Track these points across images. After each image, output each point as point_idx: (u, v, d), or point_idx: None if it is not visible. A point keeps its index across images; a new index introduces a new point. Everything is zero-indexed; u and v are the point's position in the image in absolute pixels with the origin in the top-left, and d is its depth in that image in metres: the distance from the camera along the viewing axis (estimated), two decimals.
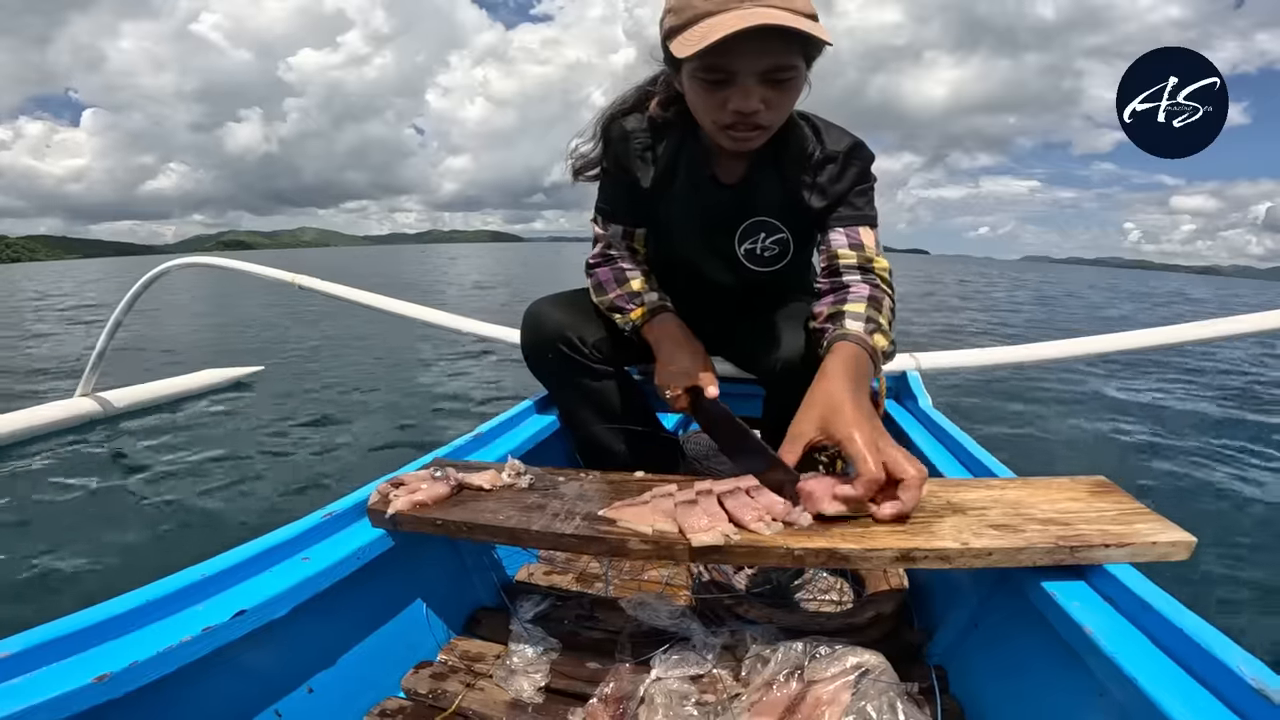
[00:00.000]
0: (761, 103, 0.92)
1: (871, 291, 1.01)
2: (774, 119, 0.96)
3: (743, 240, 1.14)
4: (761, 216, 1.12)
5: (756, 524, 0.72)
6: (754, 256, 1.15)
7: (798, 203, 1.09)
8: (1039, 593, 0.67)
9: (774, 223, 1.12)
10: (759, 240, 1.13)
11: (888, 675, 0.70)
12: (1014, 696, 0.72)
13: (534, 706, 0.79)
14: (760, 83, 0.91)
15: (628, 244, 1.22)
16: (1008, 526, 0.69)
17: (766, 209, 1.11)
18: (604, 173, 1.21)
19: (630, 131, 1.14)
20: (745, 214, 1.12)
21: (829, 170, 1.07)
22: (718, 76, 0.91)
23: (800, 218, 1.11)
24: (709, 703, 0.74)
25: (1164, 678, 0.53)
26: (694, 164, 1.12)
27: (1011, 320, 10.88)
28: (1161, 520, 0.70)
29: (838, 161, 1.06)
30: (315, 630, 0.76)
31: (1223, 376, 5.85)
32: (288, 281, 2.42)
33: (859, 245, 1.06)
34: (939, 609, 0.94)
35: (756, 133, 0.97)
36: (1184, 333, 1.57)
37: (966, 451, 1.05)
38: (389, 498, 0.83)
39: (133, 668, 0.56)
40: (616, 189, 1.19)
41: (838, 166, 1.07)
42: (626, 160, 1.14)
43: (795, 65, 0.91)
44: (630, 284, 1.17)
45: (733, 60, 0.89)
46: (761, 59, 0.89)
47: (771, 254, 1.14)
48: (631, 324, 1.15)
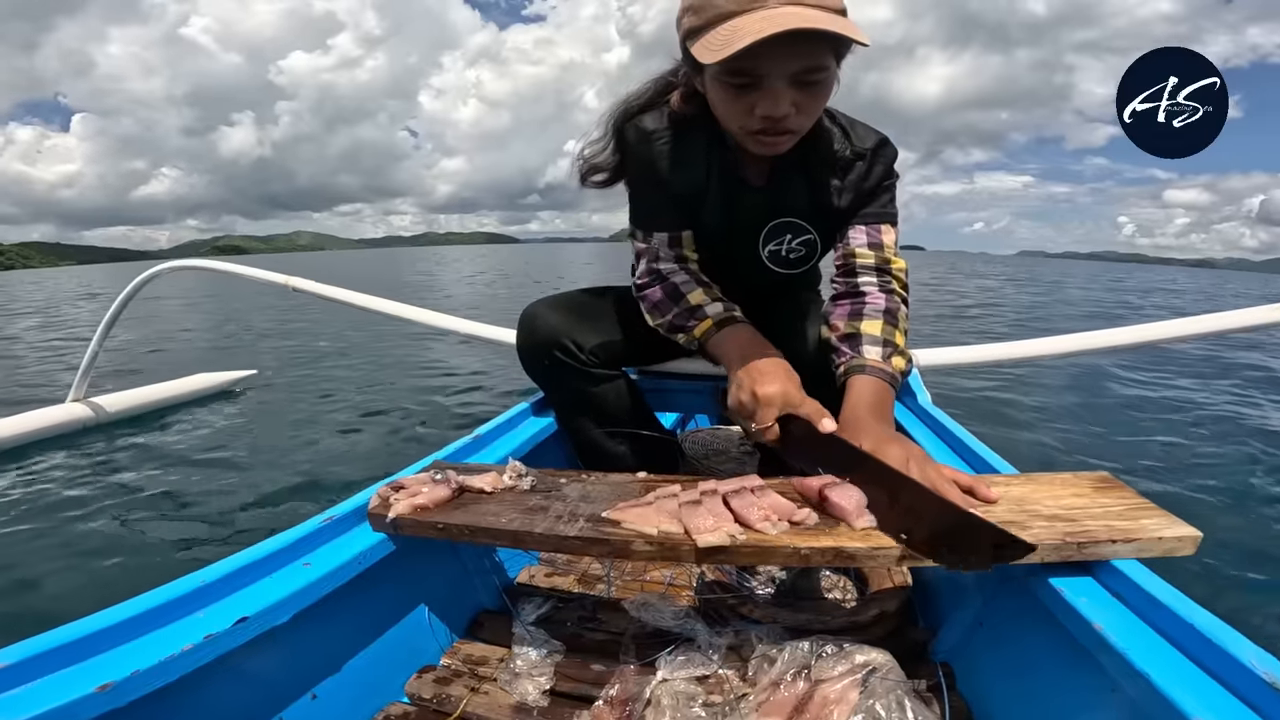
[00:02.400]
0: (792, 106, 0.87)
1: (887, 303, 1.00)
2: (804, 123, 0.92)
3: (767, 242, 1.11)
4: (789, 218, 1.09)
5: (762, 523, 0.72)
6: (778, 259, 1.12)
7: (826, 203, 1.07)
8: (1046, 589, 0.67)
9: (802, 224, 1.10)
10: (785, 242, 1.11)
11: (895, 673, 0.70)
12: (1022, 694, 0.72)
13: (539, 710, 0.78)
14: (790, 85, 0.86)
15: (676, 252, 1.11)
16: (1013, 523, 0.69)
17: (795, 210, 1.09)
18: (632, 182, 1.14)
19: (651, 132, 1.07)
20: (773, 215, 1.09)
21: (857, 169, 1.05)
22: (744, 80, 0.86)
23: (828, 219, 1.09)
24: (715, 703, 0.73)
25: (1177, 673, 0.53)
26: (723, 164, 1.07)
27: (1009, 316, 10.91)
28: (1167, 515, 0.70)
29: (865, 159, 1.05)
30: (318, 636, 0.75)
31: (1225, 369, 5.88)
32: (280, 284, 2.41)
33: (879, 245, 1.05)
34: (944, 607, 0.94)
35: (786, 137, 0.92)
36: (1182, 328, 1.58)
37: (968, 448, 1.05)
38: (389, 501, 0.83)
39: (135, 676, 0.55)
40: (652, 194, 1.11)
41: (865, 164, 1.05)
42: (653, 162, 1.07)
43: (826, 66, 0.86)
44: (688, 298, 1.06)
45: (760, 64, 0.83)
46: (791, 61, 0.84)
47: (798, 255, 1.12)
48: (697, 342, 1.05)
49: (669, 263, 1.11)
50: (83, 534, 2.21)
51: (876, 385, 0.91)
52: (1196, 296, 19.84)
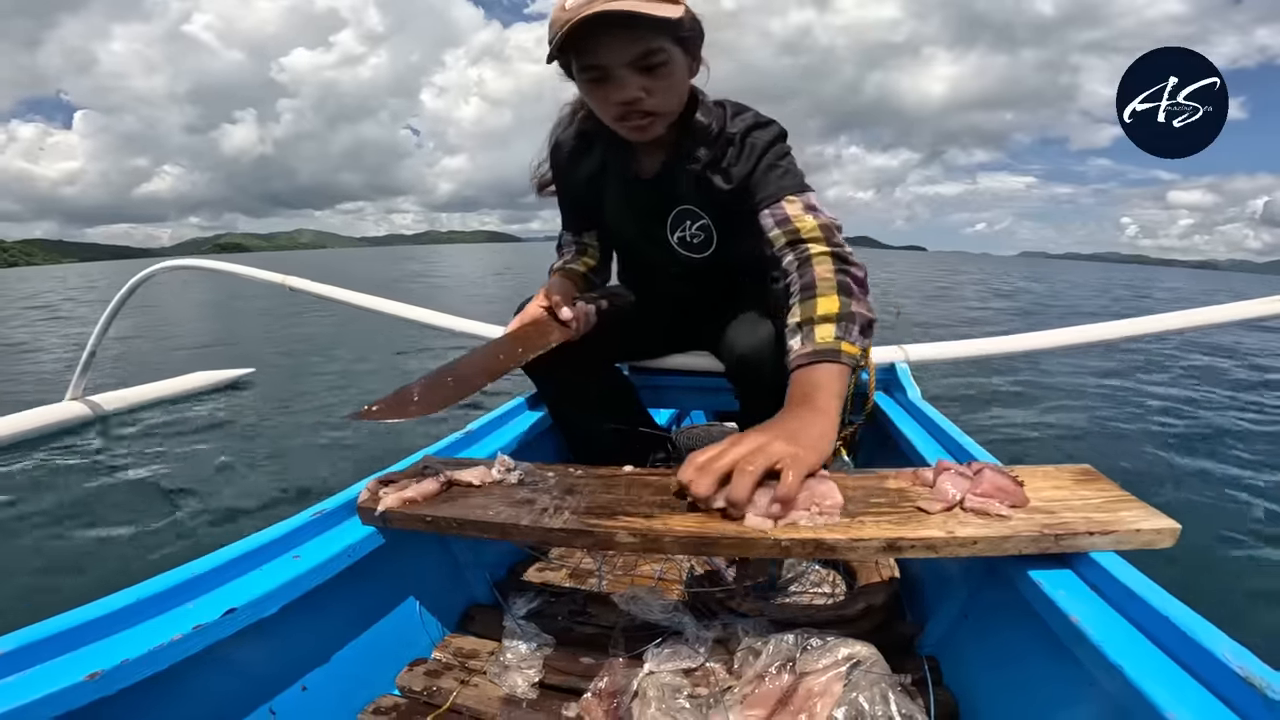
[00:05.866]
0: (641, 90, 0.97)
1: (803, 279, 0.95)
2: (660, 104, 1.00)
3: (674, 229, 1.18)
4: (684, 205, 1.15)
5: (798, 513, 0.71)
6: (685, 244, 1.18)
7: (709, 189, 1.10)
8: (1026, 582, 0.67)
9: (695, 210, 1.15)
10: (686, 229, 1.17)
11: (879, 666, 0.70)
12: (1006, 687, 0.73)
13: (528, 702, 0.79)
14: (634, 72, 0.96)
15: (577, 242, 1.33)
16: (993, 515, 0.70)
17: (686, 198, 1.14)
18: (555, 190, 1.32)
19: (560, 144, 1.23)
20: (670, 204, 1.16)
21: (730, 154, 1.08)
22: (594, 75, 0.98)
23: (716, 204, 1.12)
24: (701, 695, 0.74)
25: (1151, 666, 0.53)
26: (618, 164, 1.18)
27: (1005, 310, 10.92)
28: (1146, 507, 0.71)
29: (735, 143, 1.07)
30: (307, 628, 0.76)
31: (1206, 363, 5.91)
32: (278, 283, 2.41)
33: (784, 219, 1.02)
34: (930, 600, 0.95)
35: (649, 119, 1.01)
36: (1166, 322, 1.59)
37: (955, 442, 1.05)
38: (379, 495, 0.83)
39: (124, 665, 0.56)
40: (563, 199, 1.31)
41: (737, 149, 1.08)
42: (562, 171, 1.25)
43: (662, 48, 0.95)
44: (558, 262, 1.31)
45: (599, 56, 0.95)
46: (626, 49, 0.94)
47: (699, 240, 1.17)
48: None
49: (569, 248, 1.33)
50: (72, 530, 2.23)
51: (795, 378, 0.86)
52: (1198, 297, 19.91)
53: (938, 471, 0.78)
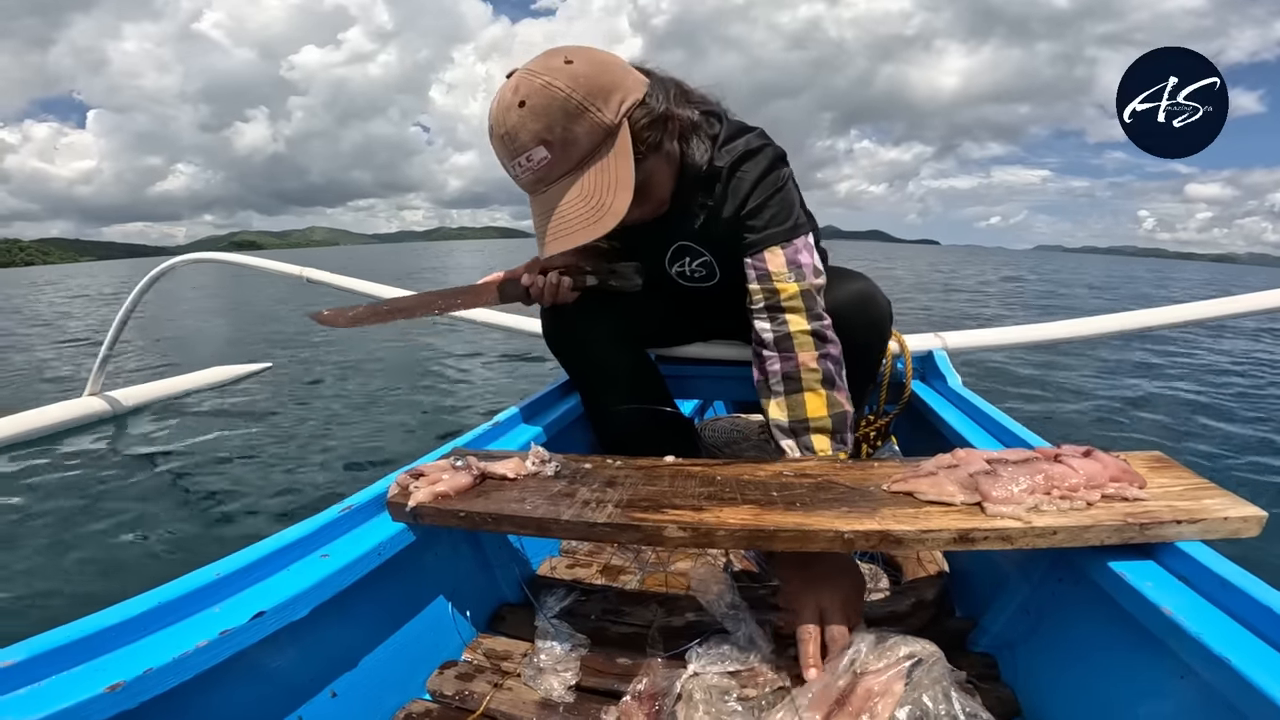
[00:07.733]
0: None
1: (784, 363, 0.93)
2: (649, 212, 1.00)
3: (673, 263, 1.15)
4: (682, 242, 1.11)
5: (1060, 500, 0.66)
6: (686, 277, 1.16)
7: (706, 228, 1.05)
8: (1105, 574, 0.63)
9: (695, 247, 1.11)
10: (685, 264, 1.14)
11: (941, 664, 0.67)
12: (1077, 683, 0.68)
13: (565, 706, 0.75)
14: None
15: None
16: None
17: (686, 234, 1.09)
18: None
19: None
20: (667, 241, 1.12)
21: (717, 191, 1.01)
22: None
23: (714, 240, 1.07)
24: (751, 697, 0.70)
25: (1256, 656, 0.50)
26: None
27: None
28: (1229, 495, 0.67)
29: (722, 179, 1.00)
30: (336, 631, 0.72)
31: (1244, 348, 5.80)
32: (295, 275, 2.39)
33: (764, 275, 0.98)
34: (983, 595, 0.90)
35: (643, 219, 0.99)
36: (1211, 309, 1.54)
37: (1004, 428, 1.01)
38: (409, 490, 0.80)
39: (147, 675, 0.52)
40: None
41: (723, 185, 1.00)
42: None
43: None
44: None
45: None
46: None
47: (700, 275, 1.14)
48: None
49: None
50: (93, 528, 2.21)
51: None
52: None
53: (1053, 456, 0.73)
